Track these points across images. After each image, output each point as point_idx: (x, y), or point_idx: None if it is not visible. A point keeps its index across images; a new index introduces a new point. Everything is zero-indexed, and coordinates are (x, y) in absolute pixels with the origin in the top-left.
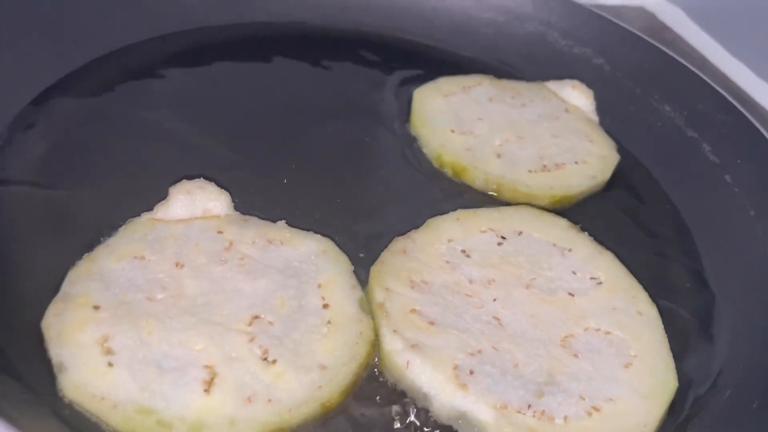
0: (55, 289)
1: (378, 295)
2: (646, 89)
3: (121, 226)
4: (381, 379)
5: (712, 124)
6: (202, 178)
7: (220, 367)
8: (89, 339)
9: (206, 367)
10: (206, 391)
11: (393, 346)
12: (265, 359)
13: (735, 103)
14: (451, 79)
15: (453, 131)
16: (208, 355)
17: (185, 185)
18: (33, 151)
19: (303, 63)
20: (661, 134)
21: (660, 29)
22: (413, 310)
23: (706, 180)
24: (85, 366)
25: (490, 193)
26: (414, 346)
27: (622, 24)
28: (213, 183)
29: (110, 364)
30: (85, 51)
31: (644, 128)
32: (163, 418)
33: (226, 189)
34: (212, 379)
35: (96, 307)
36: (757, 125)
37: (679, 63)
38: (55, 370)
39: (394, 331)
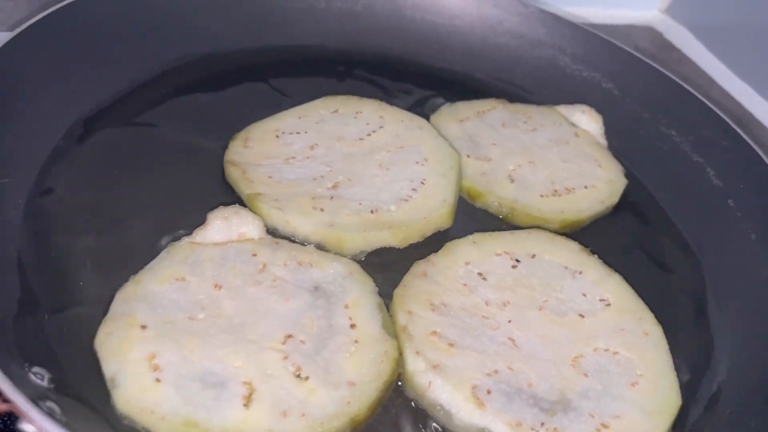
0: (105, 310)
1: (401, 318)
2: (653, 114)
3: (163, 249)
4: (404, 396)
5: (716, 149)
6: (237, 204)
7: (258, 383)
8: (137, 356)
9: (245, 383)
10: (245, 405)
11: (416, 367)
12: (298, 376)
13: (738, 129)
14: (466, 104)
15: (469, 156)
16: (246, 371)
17: (222, 211)
18: (78, 178)
19: (321, 86)
20: (667, 159)
21: (667, 49)
22: (434, 332)
23: (711, 204)
24: (134, 382)
25: (502, 217)
26: (435, 367)
27: (631, 50)
28: (247, 208)
29: (157, 380)
30: (128, 75)
31: (652, 153)
32: (206, 430)
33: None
34: (250, 395)
35: (143, 327)
36: (759, 151)
37: (686, 90)
38: (109, 385)
39: (417, 352)
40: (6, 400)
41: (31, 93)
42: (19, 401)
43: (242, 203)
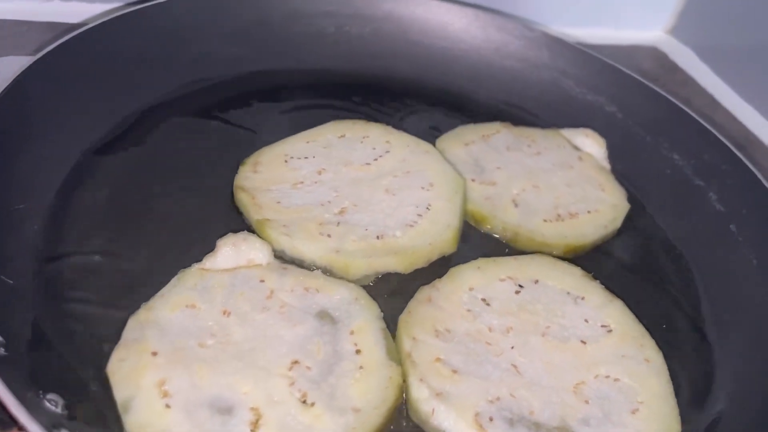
0: (117, 336)
1: (406, 344)
2: (656, 138)
3: (173, 276)
4: (408, 422)
5: (718, 174)
6: (245, 231)
7: (265, 409)
8: (148, 382)
9: (252, 409)
10: (252, 431)
11: (420, 394)
12: (304, 402)
13: (739, 154)
14: (472, 128)
15: (474, 180)
16: (254, 397)
17: (231, 238)
18: (90, 205)
19: (328, 110)
20: (670, 183)
21: (671, 70)
22: (438, 359)
23: (713, 229)
24: (145, 407)
25: (506, 241)
26: (439, 395)
27: (633, 74)
28: (255, 235)
29: (167, 406)
30: (137, 101)
31: (654, 176)
32: None
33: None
34: (257, 420)
35: (154, 353)
36: (760, 177)
37: (687, 113)
38: (120, 411)
39: (421, 379)
40: (21, 428)
41: (45, 120)
42: (34, 429)
43: (250, 228)
